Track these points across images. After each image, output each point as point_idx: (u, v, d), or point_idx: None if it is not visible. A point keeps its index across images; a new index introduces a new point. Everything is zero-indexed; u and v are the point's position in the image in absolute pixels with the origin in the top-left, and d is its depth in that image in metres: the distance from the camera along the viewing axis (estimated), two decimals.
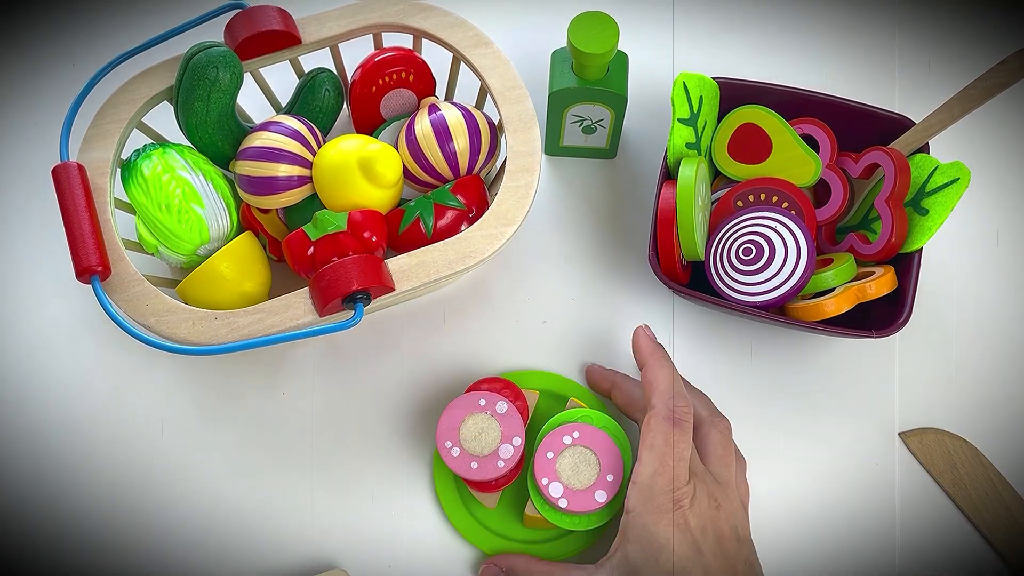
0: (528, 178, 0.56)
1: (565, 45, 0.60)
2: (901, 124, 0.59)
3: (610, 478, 0.52)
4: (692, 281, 0.60)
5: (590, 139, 0.65)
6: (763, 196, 0.59)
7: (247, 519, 0.57)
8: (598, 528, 0.55)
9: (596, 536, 0.56)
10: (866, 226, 0.58)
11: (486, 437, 0.54)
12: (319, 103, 0.61)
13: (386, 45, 0.62)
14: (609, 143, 0.65)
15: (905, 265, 0.57)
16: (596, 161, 0.68)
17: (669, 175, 0.59)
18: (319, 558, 0.56)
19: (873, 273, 0.56)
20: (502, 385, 0.57)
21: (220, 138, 0.58)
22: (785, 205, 0.59)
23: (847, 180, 0.60)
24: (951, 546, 0.57)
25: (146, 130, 0.59)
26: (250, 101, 0.65)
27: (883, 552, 0.57)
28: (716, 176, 0.63)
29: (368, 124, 0.62)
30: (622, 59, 0.61)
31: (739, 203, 0.60)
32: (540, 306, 0.63)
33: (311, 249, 0.53)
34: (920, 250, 0.56)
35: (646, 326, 0.56)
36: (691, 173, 0.57)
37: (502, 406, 0.55)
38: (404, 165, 0.59)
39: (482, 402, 0.55)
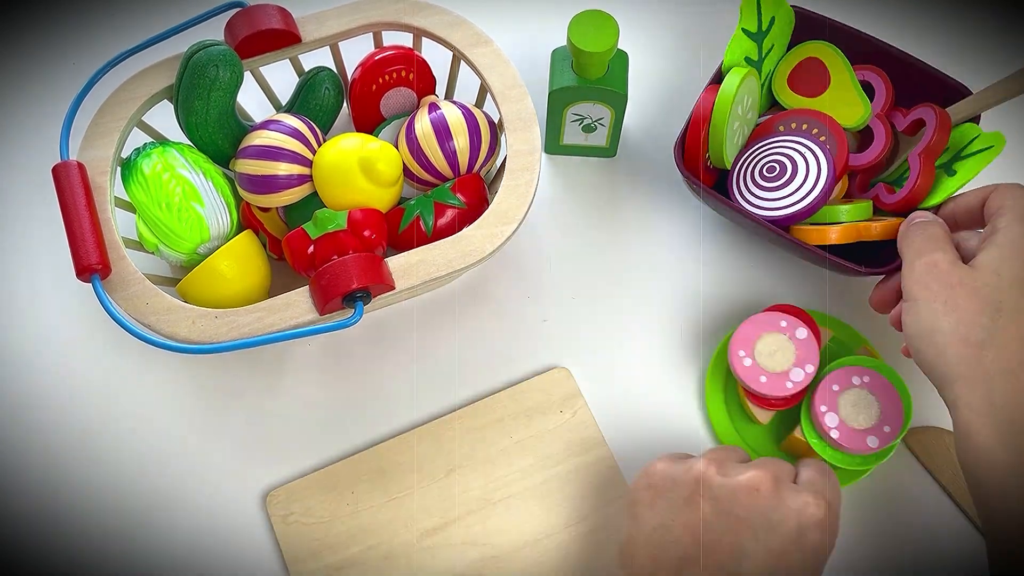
0: (528, 177, 0.56)
1: (565, 44, 0.60)
2: (958, 91, 0.60)
3: (887, 429, 0.53)
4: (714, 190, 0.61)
5: (590, 138, 0.65)
6: (805, 126, 0.60)
7: (247, 518, 0.57)
8: (850, 473, 0.56)
9: (848, 481, 0.56)
10: (898, 180, 0.59)
11: (781, 356, 0.56)
12: (319, 102, 0.61)
13: (386, 44, 0.62)
14: (609, 141, 0.65)
15: None
16: (596, 160, 0.68)
17: (721, 81, 0.60)
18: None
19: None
20: (801, 315, 0.58)
21: (220, 137, 0.58)
22: (823, 138, 0.60)
23: (892, 132, 0.60)
24: (950, 544, 0.57)
25: (146, 129, 0.59)
26: (250, 100, 0.65)
27: (882, 549, 0.57)
28: (773, 104, 0.64)
29: (368, 123, 0.62)
30: (622, 57, 0.61)
31: (780, 127, 0.61)
32: (540, 305, 0.63)
33: (311, 248, 0.53)
34: (935, 208, 0.56)
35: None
36: (735, 82, 0.57)
37: (802, 332, 0.56)
38: (404, 164, 0.59)
39: (783, 323, 0.57)
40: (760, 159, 0.60)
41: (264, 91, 0.63)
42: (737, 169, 0.61)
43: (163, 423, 0.60)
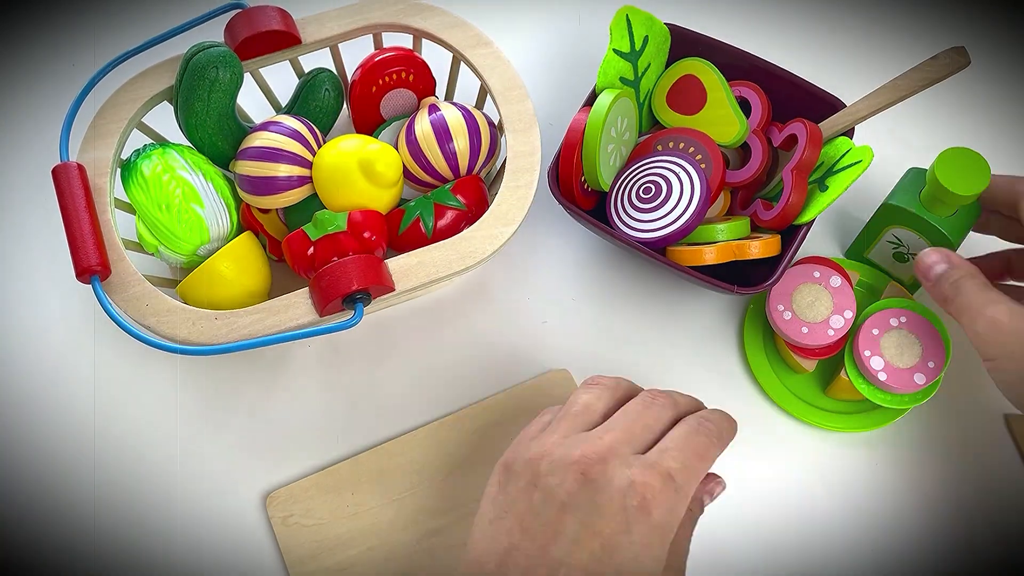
0: (528, 178, 0.56)
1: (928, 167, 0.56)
2: (831, 105, 0.60)
3: (931, 364, 0.55)
4: (595, 214, 0.61)
5: (896, 267, 0.61)
6: (682, 145, 0.60)
7: (247, 520, 0.57)
8: (893, 412, 0.58)
9: (894, 417, 0.58)
10: (776, 196, 0.59)
11: (819, 306, 0.57)
12: (319, 103, 0.60)
13: (386, 45, 0.62)
14: (912, 281, 0.61)
15: (793, 235, 0.57)
16: None
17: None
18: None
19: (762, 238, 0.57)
20: (831, 264, 0.59)
21: (220, 138, 0.58)
22: (699, 157, 0.60)
23: (769, 148, 0.61)
24: None
25: (146, 130, 0.59)
26: (250, 101, 0.65)
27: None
28: (655, 123, 0.64)
29: (368, 124, 0.62)
30: (973, 211, 0.57)
31: (658, 147, 0.61)
32: (540, 306, 0.63)
33: (311, 249, 0.53)
34: (809, 223, 0.57)
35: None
36: (607, 103, 0.57)
37: (836, 280, 0.58)
38: (404, 165, 0.59)
39: (816, 274, 0.58)
40: (636, 180, 0.59)
41: (264, 92, 0.63)
42: (615, 191, 0.60)
43: (162, 424, 0.60)
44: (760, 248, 0.56)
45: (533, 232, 0.65)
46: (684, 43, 0.63)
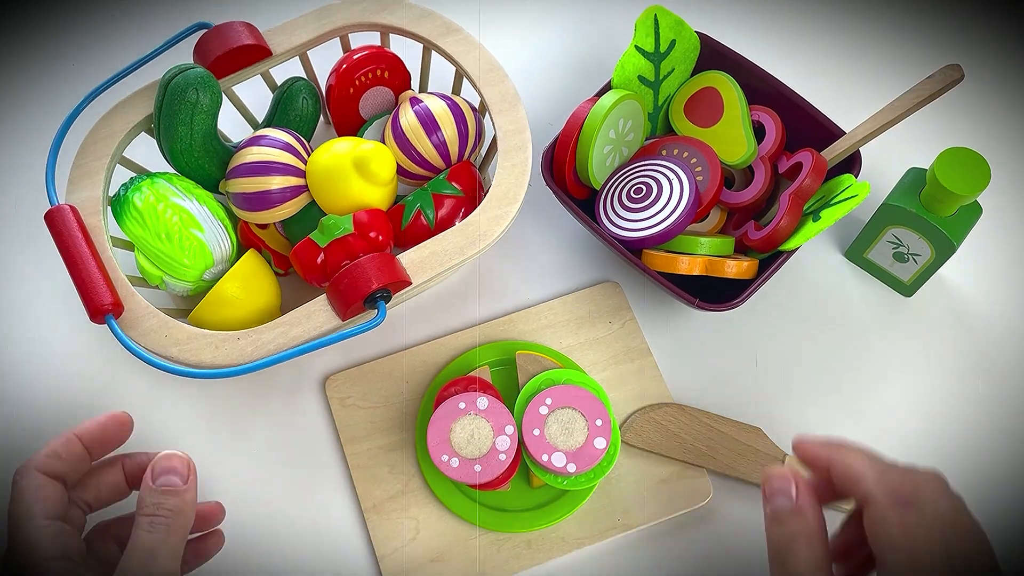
0: (522, 156, 0.56)
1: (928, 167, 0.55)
2: (837, 133, 0.60)
3: (599, 422, 0.53)
4: (587, 204, 0.62)
5: (896, 267, 0.61)
6: (685, 154, 0.61)
7: (257, 527, 0.57)
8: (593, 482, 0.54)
9: (587, 493, 0.56)
10: (770, 221, 0.58)
11: (480, 437, 0.54)
12: (298, 112, 0.60)
13: (354, 47, 0.62)
14: (912, 281, 0.61)
15: (772, 263, 0.57)
16: None
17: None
18: (338, 568, 0.56)
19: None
20: (467, 382, 0.56)
21: (207, 160, 0.57)
22: (698, 169, 0.60)
23: (774, 175, 0.60)
24: None
25: (127, 163, 0.58)
26: (224, 119, 0.64)
27: None
28: (669, 128, 0.64)
29: (349, 126, 0.62)
30: (974, 211, 0.57)
31: (663, 151, 0.61)
32: (541, 301, 0.63)
33: (321, 256, 0.53)
34: (790, 252, 0.56)
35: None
36: (610, 103, 0.57)
37: (482, 402, 0.54)
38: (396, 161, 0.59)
39: (462, 405, 0.54)
40: (631, 179, 0.60)
41: (239, 110, 0.62)
42: (607, 186, 0.61)
43: (183, 442, 0.58)
44: (736, 268, 0.56)
45: (535, 227, 0.65)
46: (713, 55, 0.62)
